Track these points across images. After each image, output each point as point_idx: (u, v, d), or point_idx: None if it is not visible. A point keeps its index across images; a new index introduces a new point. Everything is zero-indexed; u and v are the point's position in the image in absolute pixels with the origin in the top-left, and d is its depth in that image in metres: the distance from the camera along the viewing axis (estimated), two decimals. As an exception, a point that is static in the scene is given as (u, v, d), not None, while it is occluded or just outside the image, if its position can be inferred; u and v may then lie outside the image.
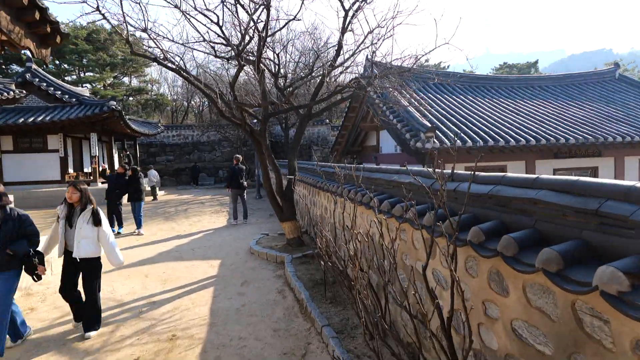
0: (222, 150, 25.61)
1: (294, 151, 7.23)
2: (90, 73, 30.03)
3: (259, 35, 5.84)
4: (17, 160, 15.25)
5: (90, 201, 3.99)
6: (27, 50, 5.67)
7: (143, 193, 9.35)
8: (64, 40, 6.18)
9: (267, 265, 6.33)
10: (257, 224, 10.31)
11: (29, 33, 5.57)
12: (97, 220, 3.95)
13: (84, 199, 3.94)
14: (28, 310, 4.77)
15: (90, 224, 3.92)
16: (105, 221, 4.06)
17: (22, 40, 5.47)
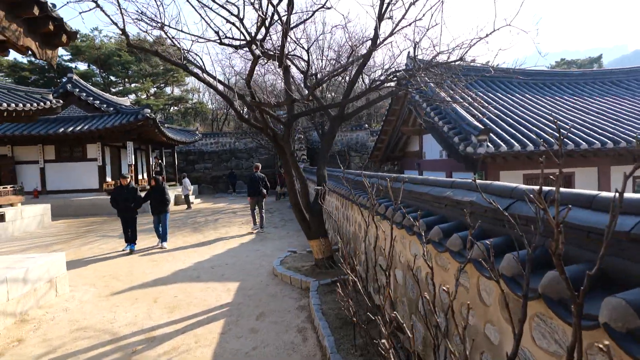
0: (258, 157, 25.23)
1: (323, 158, 6.31)
2: (135, 84, 30.96)
3: (282, 24, 5.01)
4: (59, 169, 15.52)
5: None
6: (29, 50, 5.22)
7: (168, 204, 8.59)
8: (71, 40, 5.66)
9: (290, 291, 5.42)
10: (287, 237, 9.47)
11: (29, 31, 5.08)
12: None
13: None
14: (15, 342, 4.16)
15: None
16: None
17: (21, 39, 4.89)
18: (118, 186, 8.29)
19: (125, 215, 8.16)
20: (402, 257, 3.50)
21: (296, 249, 7.62)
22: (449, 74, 6.20)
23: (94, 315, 4.85)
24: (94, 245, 9.00)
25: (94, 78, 29.07)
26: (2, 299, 4.44)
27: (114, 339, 4.19)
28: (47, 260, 5.39)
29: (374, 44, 5.67)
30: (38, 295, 5.08)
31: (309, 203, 5.97)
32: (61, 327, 4.55)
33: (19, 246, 9.11)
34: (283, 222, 11.75)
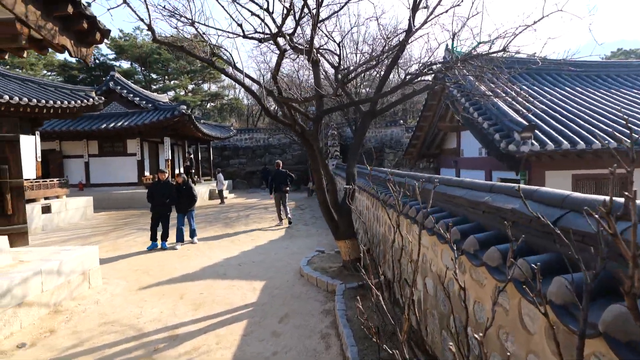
0: (292, 153, 25.28)
1: (353, 156, 6.07)
2: (174, 81, 31.88)
3: (312, 16, 4.81)
4: (101, 163, 16.19)
5: None
6: (65, 49, 5.32)
7: (195, 202, 8.56)
8: (105, 38, 5.71)
9: (316, 293, 5.25)
10: (316, 235, 9.31)
11: (64, 30, 5.17)
12: None
13: None
14: (47, 332, 4.25)
15: None
16: None
17: (57, 38, 4.98)
18: (155, 181, 8.35)
19: (159, 211, 8.13)
20: (433, 266, 3.22)
21: (324, 248, 7.44)
22: (490, 67, 5.76)
23: (122, 310, 4.90)
24: (130, 238, 9.25)
25: (136, 76, 30.22)
26: (37, 290, 4.56)
27: (139, 335, 4.19)
28: (81, 253, 5.52)
29: (407, 35, 5.35)
30: (72, 287, 5.20)
31: (338, 202, 5.76)
32: (91, 319, 4.62)
33: (62, 237, 9.53)
34: (314, 219, 11.61)
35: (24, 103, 9.69)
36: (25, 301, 4.34)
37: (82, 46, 5.45)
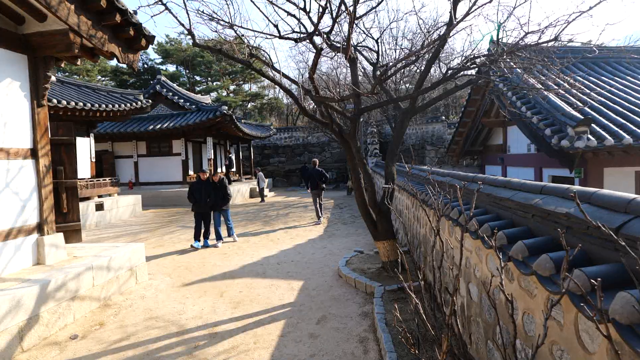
0: (331, 151, 25.27)
1: (392, 154, 5.91)
2: (216, 82, 32.86)
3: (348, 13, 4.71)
4: (149, 163, 16.99)
5: None
6: (113, 55, 5.57)
7: (229, 201, 8.61)
8: (150, 44, 5.93)
9: (354, 295, 5.17)
10: (355, 235, 9.21)
11: (113, 38, 5.41)
12: None
13: None
14: (97, 325, 4.48)
15: None
16: None
17: (106, 45, 5.25)
18: (196, 180, 8.47)
19: (201, 210, 8.24)
20: (477, 271, 3.04)
21: (363, 248, 7.33)
22: (539, 58, 5.40)
23: (166, 305, 5.07)
24: (174, 235, 9.61)
25: (180, 78, 31.44)
26: (88, 284, 4.82)
27: (180, 331, 4.31)
28: (129, 250, 5.78)
29: (449, 28, 5.11)
30: (120, 282, 5.45)
31: (376, 202, 5.64)
32: (137, 314, 4.81)
33: (113, 233, 10.08)
34: (352, 218, 11.51)
35: (80, 107, 10.33)
36: (78, 295, 4.60)
37: (129, 52, 5.71)
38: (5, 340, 3.62)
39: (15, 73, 4.67)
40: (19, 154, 4.65)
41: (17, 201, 4.64)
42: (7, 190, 4.50)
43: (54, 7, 4.27)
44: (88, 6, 4.73)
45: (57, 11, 4.32)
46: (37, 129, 4.87)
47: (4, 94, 4.49)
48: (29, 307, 3.91)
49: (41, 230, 4.91)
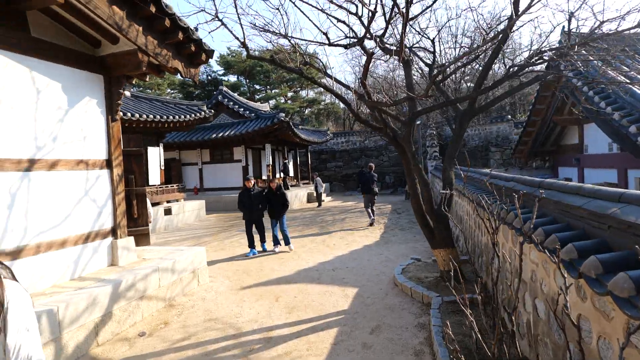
0: (388, 155, 24.85)
1: (450, 158, 5.63)
2: (275, 90, 33.90)
3: (401, 14, 4.60)
4: (212, 169, 17.91)
5: None
6: (176, 71, 5.94)
7: (287, 208, 8.40)
8: (209, 58, 6.25)
9: (410, 305, 4.99)
10: (413, 241, 8.93)
11: (176, 54, 5.77)
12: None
13: None
14: (162, 324, 4.77)
15: None
16: (18, 322, 1.75)
17: (170, 62, 5.62)
18: (243, 189, 8.34)
19: (251, 218, 8.16)
20: (544, 286, 2.77)
21: (421, 256, 7.07)
22: (619, 47, 4.86)
23: (224, 308, 5.26)
24: (235, 239, 10.00)
25: (241, 88, 32.88)
26: (155, 285, 5.15)
27: (237, 334, 4.44)
28: (192, 253, 6.09)
29: (510, 22, 4.78)
30: (183, 284, 5.77)
31: (433, 208, 5.41)
32: (198, 315, 5.05)
33: (179, 236, 10.73)
34: (410, 224, 11.18)
35: (150, 119, 11.16)
36: (145, 295, 4.93)
37: (191, 67, 6.04)
38: (83, 334, 3.97)
39: (92, 92, 5.15)
40: (96, 164, 5.12)
41: (94, 207, 5.10)
42: (86, 197, 4.97)
43: (124, 29, 4.66)
44: (154, 27, 5.11)
45: (127, 33, 4.70)
46: (111, 142, 5.33)
47: (84, 111, 4.98)
48: (103, 304, 4.26)
49: (115, 234, 5.36)
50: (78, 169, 4.87)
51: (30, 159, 4.29)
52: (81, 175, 4.92)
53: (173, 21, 5.15)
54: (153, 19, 4.98)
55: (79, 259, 4.85)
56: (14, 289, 1.70)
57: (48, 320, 3.61)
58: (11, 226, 4.08)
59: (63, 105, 4.72)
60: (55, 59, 4.64)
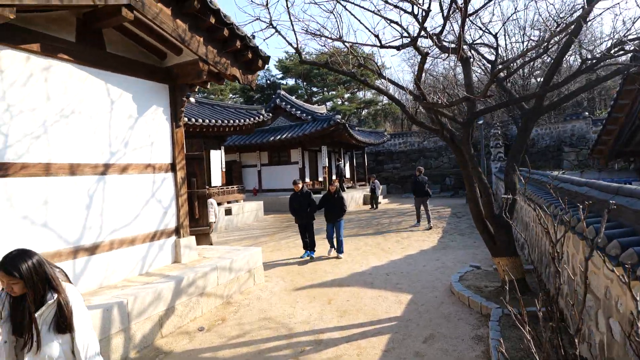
0: (448, 156, 23.90)
1: (513, 160, 5.28)
2: (332, 92, 34.12)
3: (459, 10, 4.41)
4: (270, 171, 18.45)
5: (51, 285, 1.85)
6: (234, 78, 6.19)
7: (344, 213, 8.08)
8: (265, 64, 6.46)
9: (467, 315, 4.74)
10: (472, 247, 8.50)
11: (234, 62, 6.03)
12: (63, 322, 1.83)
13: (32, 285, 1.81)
14: (220, 320, 5.00)
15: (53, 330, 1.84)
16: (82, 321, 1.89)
17: (229, 70, 5.90)
18: (293, 193, 8.16)
19: (302, 222, 8.05)
20: (620, 304, 2.49)
21: (480, 263, 6.70)
22: None
23: (278, 308, 5.38)
24: (290, 240, 10.20)
25: (299, 90, 33.53)
26: (214, 283, 5.41)
27: (289, 334, 4.52)
28: (248, 253, 6.31)
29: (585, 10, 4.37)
30: (240, 283, 5.99)
31: (494, 214, 5.10)
32: (253, 313, 5.22)
33: (238, 236, 11.18)
34: (471, 229, 10.65)
35: (212, 124, 11.76)
36: (205, 292, 5.19)
37: (248, 74, 6.27)
38: (149, 326, 4.28)
39: (159, 100, 5.54)
40: (161, 168, 5.50)
41: (160, 208, 5.48)
42: (153, 199, 5.36)
43: (187, 41, 4.96)
44: (213, 37, 5.38)
45: (189, 44, 5.00)
46: (175, 147, 5.69)
47: (151, 118, 5.37)
48: (167, 299, 4.56)
49: (178, 233, 5.71)
50: (146, 172, 5.27)
51: (105, 163, 4.72)
52: (149, 179, 5.31)
53: (231, 30, 5.39)
54: (213, 30, 5.24)
55: (146, 255, 5.24)
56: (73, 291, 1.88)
57: (119, 311, 3.94)
58: (89, 224, 4.52)
59: (133, 114, 5.13)
60: (127, 71, 5.06)
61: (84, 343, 1.88)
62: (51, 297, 1.83)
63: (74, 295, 1.91)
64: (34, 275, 1.78)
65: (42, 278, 1.81)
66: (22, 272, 1.76)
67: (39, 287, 1.81)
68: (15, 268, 1.75)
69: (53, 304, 1.82)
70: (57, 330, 1.82)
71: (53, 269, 1.88)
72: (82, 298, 1.96)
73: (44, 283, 1.82)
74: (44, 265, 1.84)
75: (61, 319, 1.82)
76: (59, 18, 4.30)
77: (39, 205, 4.05)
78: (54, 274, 1.86)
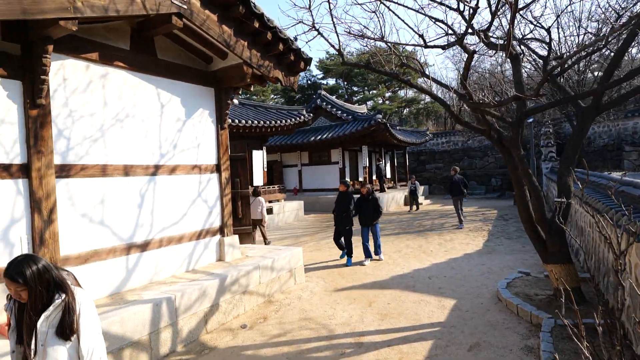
0: (495, 155, 22.92)
1: (568, 162, 4.97)
2: (372, 91, 33.81)
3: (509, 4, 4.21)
4: (310, 171, 18.58)
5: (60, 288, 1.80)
6: (277, 80, 6.29)
7: (380, 215, 7.83)
8: (307, 65, 6.52)
9: (515, 324, 4.52)
10: (521, 252, 8.10)
11: (277, 64, 6.13)
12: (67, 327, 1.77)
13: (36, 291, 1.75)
14: (261, 319, 5.10)
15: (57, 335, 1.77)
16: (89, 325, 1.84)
17: (272, 72, 6.02)
18: (339, 193, 7.88)
19: (339, 224, 7.69)
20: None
21: (530, 269, 6.36)
22: None
23: (318, 308, 5.41)
24: (330, 240, 10.17)
25: (339, 90, 33.52)
26: (256, 281, 5.53)
27: (329, 335, 4.52)
28: (289, 253, 6.39)
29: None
30: (281, 282, 6.08)
31: (545, 218, 4.83)
32: (293, 313, 5.28)
33: (279, 235, 11.36)
34: (519, 232, 10.15)
35: (255, 125, 12.03)
36: (247, 290, 5.32)
37: (290, 75, 6.35)
38: (195, 321, 4.45)
39: (205, 103, 5.74)
40: (207, 169, 5.70)
41: (205, 208, 5.68)
42: (199, 199, 5.56)
43: (232, 46, 5.10)
44: (257, 41, 5.49)
45: (234, 49, 5.14)
46: (220, 148, 5.88)
47: (197, 121, 5.58)
48: (212, 296, 4.71)
49: (222, 232, 5.89)
50: (193, 173, 5.48)
51: (155, 164, 4.96)
52: (195, 179, 5.52)
53: (274, 34, 5.48)
54: (257, 34, 5.36)
55: (192, 253, 5.45)
56: (82, 295, 1.88)
57: (167, 306, 4.13)
58: (140, 222, 4.77)
59: (181, 117, 5.35)
60: (175, 76, 5.29)
61: (89, 348, 1.83)
62: (59, 297, 1.78)
63: (84, 299, 1.84)
64: (39, 280, 1.73)
65: (48, 283, 1.76)
66: (27, 278, 1.70)
67: (44, 293, 1.75)
68: (20, 274, 1.70)
69: (60, 304, 1.77)
70: (60, 336, 1.76)
71: (61, 272, 1.85)
72: (93, 302, 1.92)
73: (50, 288, 1.77)
74: (51, 270, 1.79)
75: (66, 323, 1.76)
76: (115, 28, 4.57)
77: (96, 204, 4.33)
78: (61, 277, 1.83)
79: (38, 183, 3.76)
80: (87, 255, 4.20)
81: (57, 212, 3.92)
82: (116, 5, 3.71)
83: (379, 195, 16.08)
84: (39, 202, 3.76)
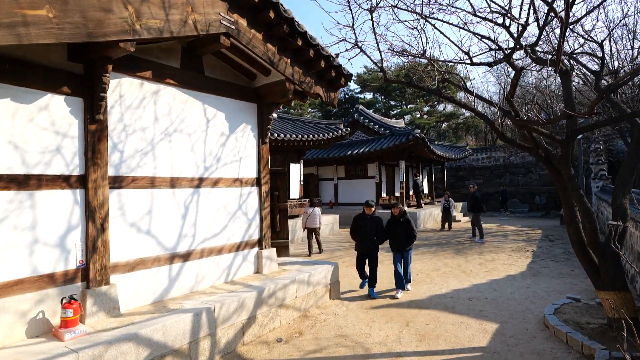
0: (539, 172, 21.96)
1: (624, 182, 4.67)
2: (410, 105, 33.52)
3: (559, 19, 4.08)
4: (346, 185, 18.57)
5: None
6: (317, 96, 6.40)
7: (414, 239, 6.82)
8: (347, 81, 6.60)
9: (565, 353, 4.24)
10: (569, 276, 7.64)
11: (318, 81, 6.24)
12: None
13: None
14: (297, 333, 5.09)
15: None
16: None
17: (313, 88, 6.14)
18: (359, 214, 7.02)
19: (364, 250, 6.71)
20: None
21: (580, 295, 5.98)
22: None
23: (354, 325, 5.34)
24: (366, 255, 10.09)
25: (376, 104, 33.50)
26: (292, 295, 5.55)
27: (365, 354, 4.44)
28: (325, 268, 6.37)
29: None
30: (317, 297, 6.07)
31: (598, 242, 4.54)
32: (329, 329, 5.23)
33: (315, 248, 11.36)
34: (567, 255, 9.60)
35: (293, 138, 12.22)
36: (284, 303, 5.34)
37: (331, 91, 6.45)
38: (232, 332, 4.51)
39: (248, 118, 5.92)
40: (248, 182, 5.84)
41: (245, 220, 5.80)
42: (239, 211, 5.70)
43: (275, 63, 5.25)
44: (299, 58, 5.63)
45: (277, 66, 5.29)
46: (261, 162, 6.02)
47: (240, 135, 5.76)
48: (249, 308, 4.77)
49: (260, 245, 5.99)
50: (234, 186, 5.63)
51: (200, 177, 5.15)
52: (236, 192, 5.67)
53: (317, 52, 5.60)
54: (299, 51, 5.49)
55: (231, 265, 5.57)
56: None
57: (207, 316, 4.22)
58: (184, 233, 4.94)
59: (225, 132, 5.54)
60: (221, 92, 5.50)
61: None
62: None
63: None
64: None
65: None
66: None
67: None
68: None
69: None
70: None
71: None
72: None
73: None
74: None
75: None
76: (168, 48, 4.84)
77: (144, 214, 4.54)
78: None
79: (93, 193, 4.00)
80: (134, 263, 4.40)
81: (109, 221, 4.15)
82: (170, 27, 3.94)
83: (416, 212, 15.77)
84: (93, 211, 3.99)
